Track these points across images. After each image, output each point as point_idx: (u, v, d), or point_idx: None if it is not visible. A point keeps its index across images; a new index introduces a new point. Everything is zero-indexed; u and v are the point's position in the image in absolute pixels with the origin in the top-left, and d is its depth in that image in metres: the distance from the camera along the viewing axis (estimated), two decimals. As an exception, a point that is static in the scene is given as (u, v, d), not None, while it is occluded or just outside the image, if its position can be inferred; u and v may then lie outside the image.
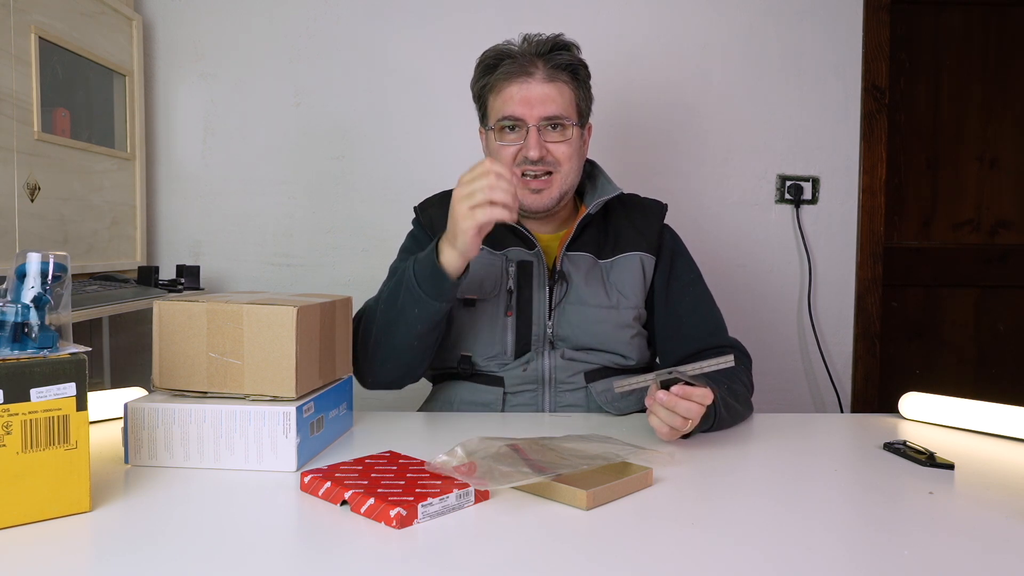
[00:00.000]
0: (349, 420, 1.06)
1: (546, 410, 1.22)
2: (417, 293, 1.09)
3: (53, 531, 0.68)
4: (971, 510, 0.77)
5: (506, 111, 1.20)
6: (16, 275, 0.72)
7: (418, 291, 1.09)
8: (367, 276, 2.11)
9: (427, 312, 1.11)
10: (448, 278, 1.08)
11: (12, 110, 1.50)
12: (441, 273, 1.07)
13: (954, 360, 2.36)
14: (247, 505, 0.76)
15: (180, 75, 2.13)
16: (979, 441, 1.06)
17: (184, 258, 2.14)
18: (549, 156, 1.20)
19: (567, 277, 1.23)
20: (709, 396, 0.97)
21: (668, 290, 1.28)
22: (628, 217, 1.30)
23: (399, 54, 2.13)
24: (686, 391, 0.96)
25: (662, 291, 1.28)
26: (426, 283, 1.09)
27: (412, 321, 1.12)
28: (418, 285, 1.09)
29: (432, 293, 1.09)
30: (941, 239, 2.34)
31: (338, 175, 2.14)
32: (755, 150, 2.19)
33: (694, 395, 0.96)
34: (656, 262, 1.28)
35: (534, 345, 1.22)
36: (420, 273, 1.09)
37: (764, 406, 2.16)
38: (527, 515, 0.74)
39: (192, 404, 0.86)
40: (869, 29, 2.18)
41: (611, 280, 1.24)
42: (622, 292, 1.24)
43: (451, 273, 1.08)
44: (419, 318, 1.11)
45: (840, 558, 0.66)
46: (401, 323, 1.12)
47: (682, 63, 2.17)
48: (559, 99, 1.20)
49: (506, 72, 1.20)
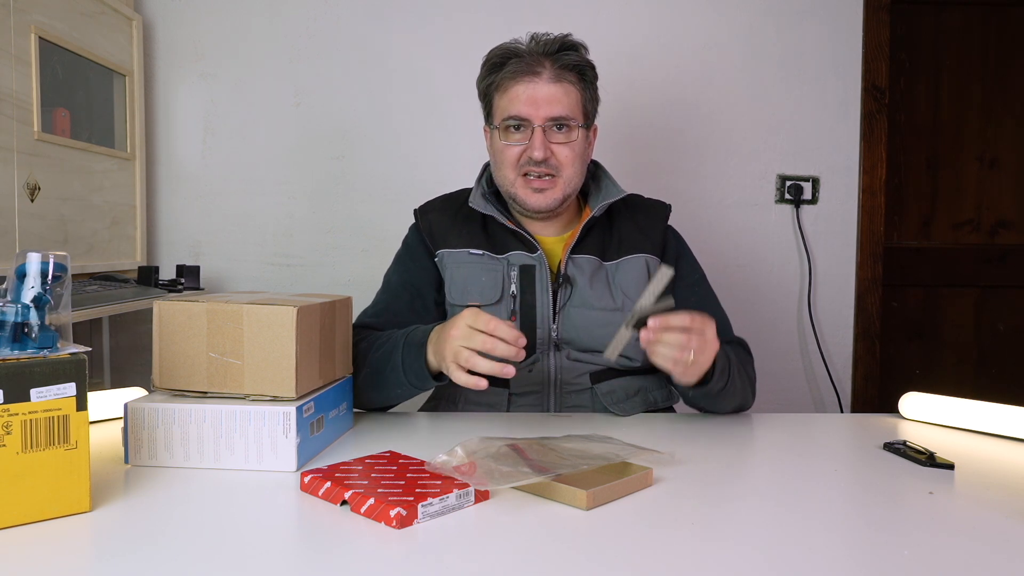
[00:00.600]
0: (349, 420, 1.06)
1: (552, 411, 1.22)
2: (402, 379, 1.09)
3: (53, 531, 0.68)
4: (971, 510, 0.77)
5: (512, 110, 1.19)
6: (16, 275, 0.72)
7: (403, 378, 1.09)
8: (367, 276, 2.11)
9: (410, 393, 1.13)
10: (432, 382, 1.08)
11: (12, 110, 1.50)
12: (427, 375, 1.06)
13: (954, 360, 2.36)
14: (247, 505, 0.76)
15: (180, 75, 2.13)
16: (979, 441, 1.06)
17: (184, 258, 2.14)
18: (553, 159, 1.20)
19: (571, 280, 1.22)
20: (686, 318, 0.98)
21: (674, 291, 1.28)
22: (632, 219, 1.30)
23: (399, 54, 2.13)
24: (663, 320, 0.98)
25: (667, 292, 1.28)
26: (413, 376, 1.08)
27: (396, 395, 1.13)
28: (404, 374, 1.08)
29: (417, 385, 1.10)
30: (941, 239, 2.34)
31: (338, 175, 2.14)
32: (755, 150, 2.19)
33: (671, 321, 0.98)
34: (660, 263, 1.28)
35: (539, 348, 1.21)
36: (408, 365, 1.07)
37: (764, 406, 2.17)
38: (527, 515, 0.74)
39: (192, 404, 0.86)
40: (869, 29, 2.18)
41: (616, 282, 1.24)
42: (627, 294, 1.23)
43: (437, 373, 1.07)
44: (402, 395, 1.13)
45: (840, 558, 0.66)
46: (385, 391, 1.13)
47: (682, 63, 2.17)
48: (565, 100, 1.19)
49: (513, 71, 1.19)
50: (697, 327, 1.00)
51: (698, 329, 1.00)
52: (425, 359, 1.05)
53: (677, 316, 0.99)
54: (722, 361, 1.09)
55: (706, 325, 1.01)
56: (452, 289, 1.24)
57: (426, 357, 1.05)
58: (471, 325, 0.96)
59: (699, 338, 1.00)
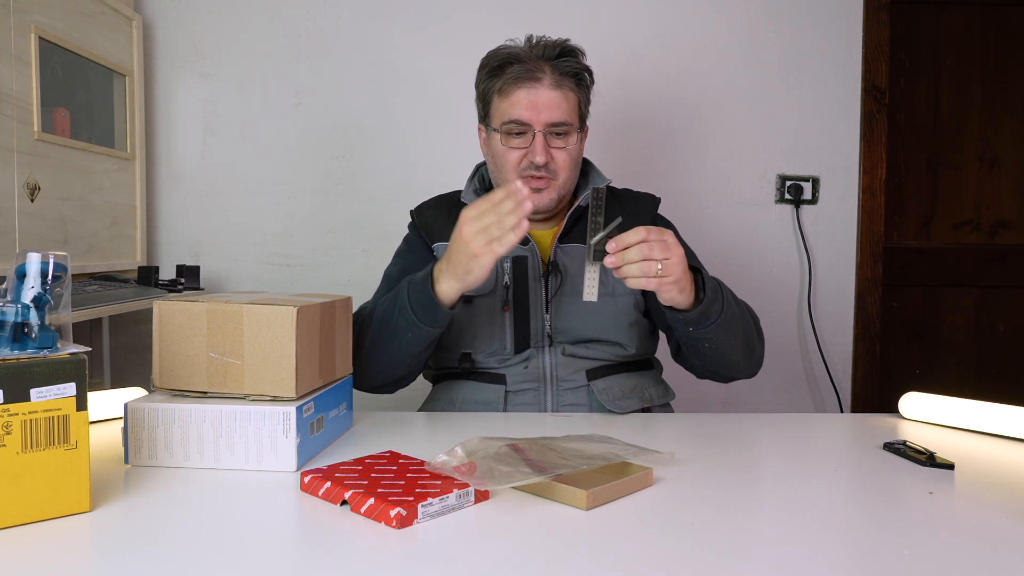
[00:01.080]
0: (349, 420, 1.06)
1: (548, 409, 1.23)
2: (411, 319, 1.09)
3: (53, 531, 0.68)
4: (971, 510, 0.77)
5: (513, 115, 1.21)
6: (16, 275, 0.72)
7: (412, 317, 1.09)
8: (367, 276, 2.11)
9: (420, 336, 1.12)
10: (443, 308, 1.08)
11: (12, 110, 1.50)
12: (436, 304, 1.08)
13: (954, 360, 2.36)
14: (247, 505, 0.76)
15: (180, 75, 2.13)
16: (979, 441, 1.06)
17: (184, 258, 2.14)
18: (552, 163, 1.22)
19: (562, 269, 1.24)
20: (641, 230, 0.99)
21: None
22: (621, 208, 1.31)
23: (399, 54, 2.13)
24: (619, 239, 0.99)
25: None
26: (421, 311, 1.09)
27: (405, 343, 1.13)
28: (412, 311, 1.09)
29: (427, 321, 1.10)
30: (941, 239, 2.34)
31: (338, 175, 2.14)
32: (755, 150, 2.19)
33: (627, 239, 0.99)
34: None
35: (533, 341, 1.22)
36: (415, 300, 1.09)
37: (764, 406, 2.18)
38: (527, 515, 0.74)
39: (192, 404, 0.86)
40: (869, 29, 2.18)
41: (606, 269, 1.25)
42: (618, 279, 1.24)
43: (447, 303, 1.08)
44: (412, 341, 1.12)
45: (840, 558, 0.66)
46: (394, 342, 1.13)
47: (682, 63, 2.17)
48: (565, 105, 1.22)
49: (514, 76, 1.21)
50: (655, 236, 1.00)
51: (656, 237, 1.00)
52: (431, 289, 1.07)
53: (631, 232, 0.99)
54: (710, 282, 1.09)
55: (663, 233, 1.01)
56: None
57: (432, 288, 1.07)
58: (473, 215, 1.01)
59: (660, 244, 0.99)
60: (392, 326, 1.12)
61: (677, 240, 1.03)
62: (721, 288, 1.12)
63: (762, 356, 1.25)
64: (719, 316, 1.10)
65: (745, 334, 1.18)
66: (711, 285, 1.09)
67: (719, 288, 1.11)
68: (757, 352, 1.23)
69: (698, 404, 1.35)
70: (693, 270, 1.09)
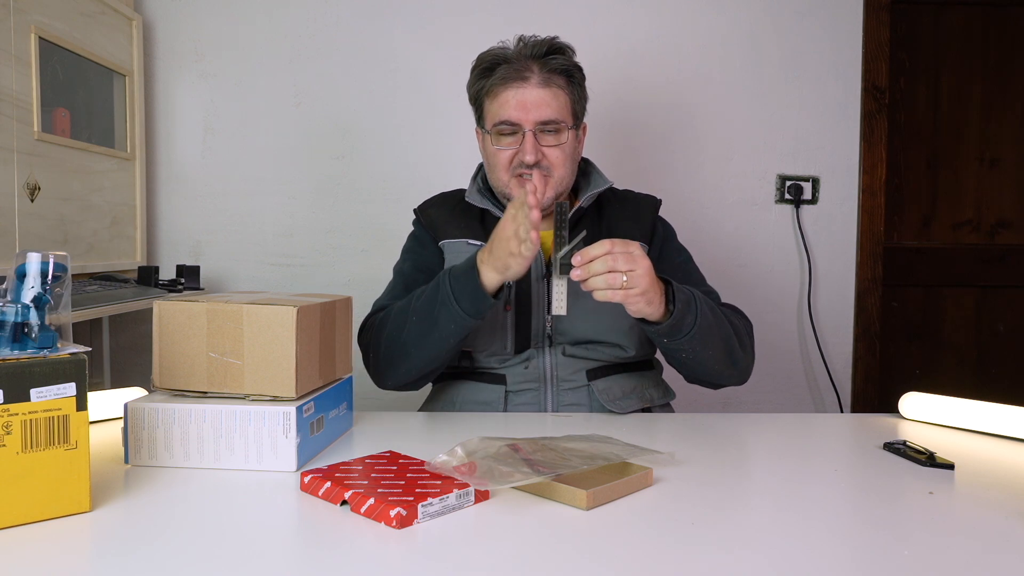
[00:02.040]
0: (349, 420, 1.06)
1: (548, 409, 1.23)
2: (455, 310, 1.10)
3: (53, 531, 0.68)
4: (971, 510, 0.77)
5: (502, 115, 1.21)
6: (16, 275, 0.72)
7: (456, 308, 1.10)
8: (367, 276, 2.11)
9: (463, 327, 1.12)
10: (490, 298, 1.09)
11: (12, 110, 1.50)
12: (483, 294, 1.09)
13: (954, 360, 2.36)
14: (247, 505, 0.76)
15: (180, 75, 2.13)
16: (979, 441, 1.06)
17: (184, 258, 2.14)
18: (544, 160, 1.22)
19: None
20: (605, 244, 1.00)
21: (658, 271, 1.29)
22: (622, 210, 1.32)
23: (399, 54, 2.13)
24: (583, 252, 1.00)
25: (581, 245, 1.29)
26: (466, 301, 1.09)
27: (447, 335, 1.13)
28: (457, 302, 1.09)
29: (472, 311, 1.10)
30: (941, 239, 2.34)
31: (338, 175, 2.14)
32: (755, 150, 2.19)
33: (591, 251, 1.00)
34: (648, 250, 1.29)
35: (534, 341, 1.22)
36: (459, 292, 1.09)
37: (764, 406, 2.18)
38: (527, 515, 0.74)
39: (192, 404, 0.86)
40: (869, 29, 2.18)
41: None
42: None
43: (492, 292, 1.10)
44: (454, 333, 1.13)
45: (840, 558, 0.66)
46: (435, 336, 1.13)
47: (682, 63, 2.17)
48: (554, 103, 1.21)
49: (502, 77, 1.21)
50: (619, 248, 1.00)
51: (620, 249, 1.00)
52: (477, 279, 1.08)
53: (596, 245, 1.00)
54: (682, 294, 1.08)
55: (628, 245, 1.01)
56: None
57: (478, 278, 1.08)
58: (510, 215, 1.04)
59: (624, 256, 1.00)
60: (433, 317, 1.12)
61: (643, 252, 1.02)
62: (695, 300, 1.10)
63: (749, 366, 1.23)
64: (692, 328, 1.09)
65: (725, 344, 1.16)
66: (682, 297, 1.08)
67: (693, 300, 1.10)
68: (741, 362, 1.21)
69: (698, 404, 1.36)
70: (664, 281, 1.08)
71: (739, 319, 1.25)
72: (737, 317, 1.25)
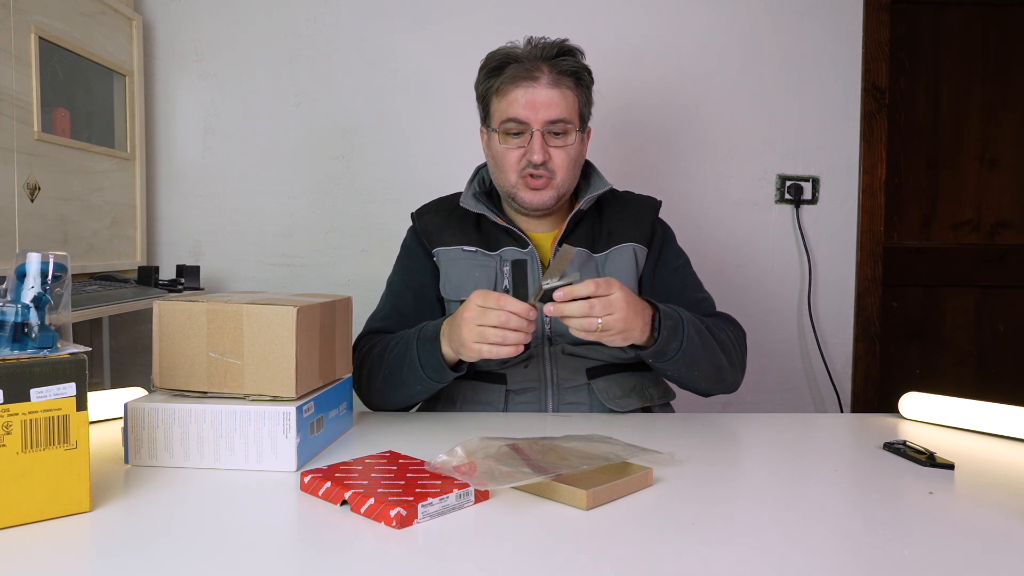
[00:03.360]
0: (349, 420, 1.06)
1: (549, 409, 1.23)
2: (420, 374, 1.12)
3: (53, 531, 0.68)
4: (971, 510, 0.77)
5: (510, 113, 1.21)
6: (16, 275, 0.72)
7: (422, 373, 1.12)
8: (367, 276, 2.11)
9: (430, 388, 1.15)
10: (450, 372, 1.11)
11: (12, 110, 1.50)
12: (445, 367, 1.10)
13: (954, 360, 2.36)
14: (247, 505, 0.76)
15: (180, 75, 2.13)
16: (979, 441, 1.06)
17: (184, 258, 2.14)
18: (550, 162, 1.22)
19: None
20: (589, 286, 0.99)
21: (655, 275, 1.30)
22: (622, 212, 1.32)
23: (399, 54, 2.13)
24: (567, 291, 0.98)
25: (649, 277, 1.30)
26: (431, 371, 1.11)
27: (416, 392, 1.16)
28: (422, 369, 1.12)
29: (436, 378, 1.12)
30: (941, 239, 2.34)
31: (338, 175, 2.14)
32: (755, 150, 2.19)
33: (575, 291, 0.99)
34: (647, 253, 1.30)
35: (533, 342, 1.22)
36: (425, 361, 1.11)
37: (764, 406, 2.18)
38: (527, 515, 0.74)
39: (192, 404, 0.86)
40: (869, 29, 2.18)
41: (606, 272, 1.26)
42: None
43: (453, 364, 1.11)
44: (422, 391, 1.16)
45: (840, 558, 0.66)
46: (405, 392, 1.16)
47: (682, 63, 2.17)
48: (563, 104, 1.21)
49: (512, 76, 1.21)
50: (601, 291, 0.99)
51: (602, 293, 0.99)
52: (440, 352, 1.09)
53: (581, 285, 0.99)
54: (668, 321, 1.07)
55: (611, 287, 1.00)
56: (447, 285, 1.27)
57: (441, 349, 1.09)
58: (481, 304, 1.00)
59: (602, 302, 0.99)
60: (402, 377, 1.14)
61: (624, 295, 1.01)
62: (682, 324, 1.09)
63: (737, 379, 1.23)
64: (676, 353, 1.09)
65: (711, 365, 1.16)
66: (668, 324, 1.07)
67: (680, 324, 1.09)
68: (729, 377, 1.21)
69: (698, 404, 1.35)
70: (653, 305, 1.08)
71: (731, 330, 1.23)
72: (730, 328, 1.24)
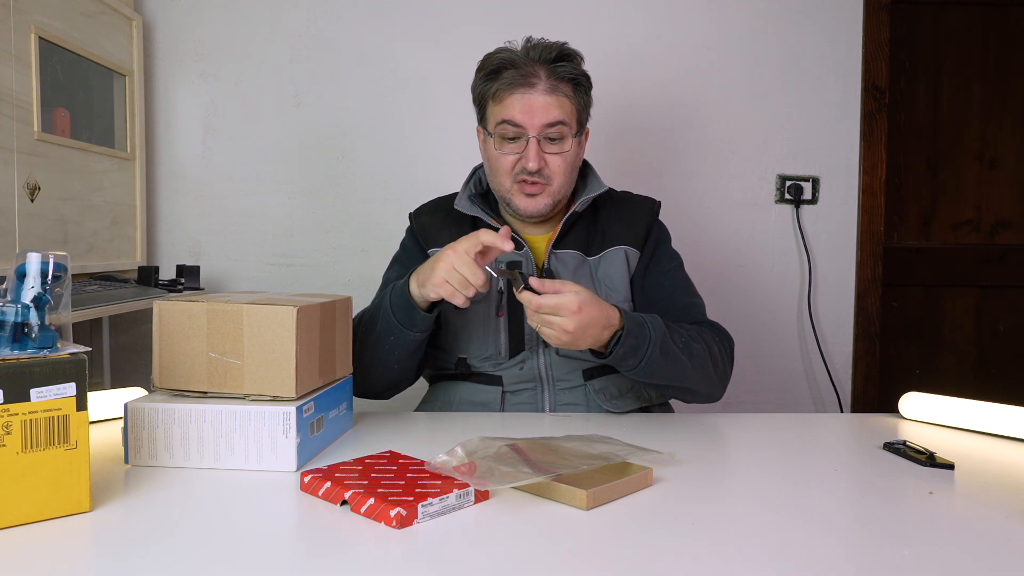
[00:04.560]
0: (349, 420, 1.06)
1: (546, 409, 1.23)
2: (392, 322, 1.12)
3: (53, 531, 0.68)
4: (971, 510, 0.77)
5: (506, 115, 1.20)
6: (16, 275, 0.72)
7: (393, 320, 1.12)
8: (367, 276, 2.11)
9: (403, 340, 1.14)
10: (419, 310, 1.11)
11: (12, 110, 1.50)
12: (413, 306, 1.10)
13: (954, 360, 2.36)
14: (247, 505, 0.76)
15: (180, 75, 2.13)
16: (979, 441, 1.06)
17: (184, 258, 2.14)
18: (546, 169, 1.22)
19: (555, 275, 1.24)
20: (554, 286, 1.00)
21: (646, 278, 1.30)
22: (617, 213, 1.32)
23: (399, 54, 2.13)
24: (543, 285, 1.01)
25: (640, 280, 1.29)
26: (400, 313, 1.12)
27: (390, 347, 1.15)
28: (393, 314, 1.12)
29: (406, 323, 1.12)
30: (941, 239, 2.34)
31: (338, 175, 2.14)
32: (755, 150, 2.19)
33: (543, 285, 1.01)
34: (640, 255, 1.29)
35: (528, 344, 1.22)
36: (395, 304, 1.12)
37: (764, 406, 2.18)
38: (527, 515, 0.74)
39: (192, 404, 0.86)
40: (869, 29, 2.18)
41: (599, 275, 1.26)
42: (611, 287, 1.25)
43: (422, 304, 1.11)
44: (396, 344, 1.15)
45: (840, 558, 0.66)
46: (381, 347, 1.16)
47: (682, 63, 2.17)
48: (559, 110, 1.20)
49: (509, 81, 1.20)
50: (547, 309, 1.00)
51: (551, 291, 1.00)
52: (408, 291, 1.10)
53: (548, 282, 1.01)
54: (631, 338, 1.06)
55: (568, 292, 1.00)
56: None
57: (409, 291, 1.10)
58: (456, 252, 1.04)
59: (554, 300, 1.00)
60: (377, 330, 1.15)
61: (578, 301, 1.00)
62: (648, 343, 1.07)
63: (712, 394, 1.21)
64: (633, 369, 1.08)
65: (677, 381, 1.14)
66: (629, 343, 1.05)
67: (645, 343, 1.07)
68: (702, 391, 1.19)
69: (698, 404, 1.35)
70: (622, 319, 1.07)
71: (716, 343, 1.21)
72: (715, 340, 1.21)
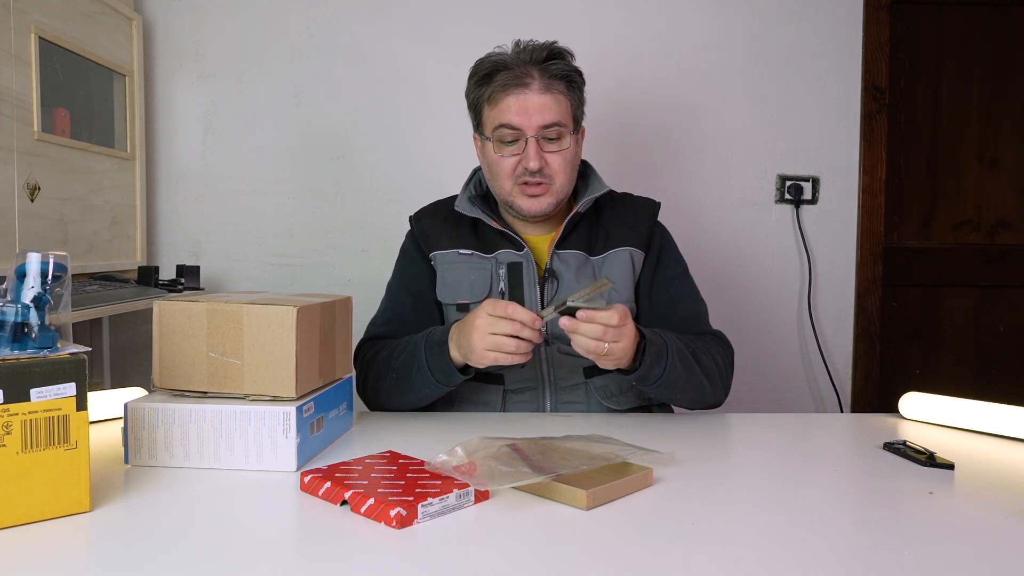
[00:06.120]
0: (349, 420, 1.06)
1: (547, 408, 1.23)
2: (429, 379, 1.13)
3: (53, 531, 0.68)
4: (971, 510, 0.77)
5: (503, 119, 1.21)
6: (16, 275, 0.72)
7: (430, 377, 1.13)
8: (367, 276, 2.11)
9: (438, 392, 1.16)
10: (459, 375, 1.12)
11: (12, 110, 1.50)
12: (453, 371, 1.11)
13: (954, 360, 2.36)
14: (247, 505, 0.76)
15: (180, 75, 2.13)
16: (979, 441, 1.06)
17: (184, 258, 2.14)
18: (547, 168, 1.22)
19: (557, 275, 1.24)
20: (614, 317, 1.00)
21: (653, 283, 1.30)
22: (620, 214, 1.32)
23: (399, 54, 2.13)
24: (590, 314, 1.00)
25: (647, 285, 1.29)
26: (439, 373, 1.12)
27: (424, 396, 1.17)
28: (431, 373, 1.12)
29: (444, 382, 1.13)
30: (941, 239, 2.34)
31: (338, 175, 2.14)
32: (755, 150, 2.19)
33: (597, 317, 1.00)
34: (645, 257, 1.29)
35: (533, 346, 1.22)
36: (434, 365, 1.12)
37: (764, 406, 2.18)
38: (527, 515, 0.74)
39: (192, 404, 0.86)
40: (869, 29, 2.18)
41: (602, 275, 1.26)
42: (613, 289, 1.25)
43: (461, 367, 1.12)
44: (431, 395, 1.17)
45: (840, 558, 0.66)
46: (414, 396, 1.17)
47: (682, 63, 2.17)
48: (556, 108, 1.21)
49: (502, 83, 1.20)
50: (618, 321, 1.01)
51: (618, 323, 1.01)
52: (448, 356, 1.10)
53: (604, 313, 1.00)
54: (653, 348, 1.08)
55: (626, 318, 1.02)
56: (442, 288, 1.27)
57: (449, 353, 1.10)
58: (492, 313, 1.03)
59: (615, 331, 1.01)
60: (412, 381, 1.15)
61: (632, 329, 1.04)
62: (667, 352, 1.10)
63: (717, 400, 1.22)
64: (659, 379, 1.10)
65: (692, 388, 1.16)
66: (653, 351, 1.08)
67: (664, 352, 1.09)
68: (711, 398, 1.21)
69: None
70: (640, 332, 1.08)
71: (719, 352, 1.22)
72: (718, 350, 1.22)
